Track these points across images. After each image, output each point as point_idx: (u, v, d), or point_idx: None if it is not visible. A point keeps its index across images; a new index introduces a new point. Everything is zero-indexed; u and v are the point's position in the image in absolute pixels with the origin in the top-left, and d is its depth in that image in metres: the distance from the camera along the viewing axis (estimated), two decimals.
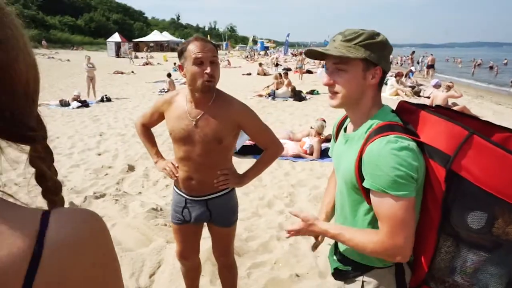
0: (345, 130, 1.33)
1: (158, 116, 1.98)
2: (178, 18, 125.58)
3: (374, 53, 1.14)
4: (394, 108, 1.27)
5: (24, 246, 0.42)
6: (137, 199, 3.98)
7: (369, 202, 1.15)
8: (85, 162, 5.40)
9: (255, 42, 70.57)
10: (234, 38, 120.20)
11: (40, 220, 0.45)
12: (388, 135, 1.08)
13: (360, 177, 1.13)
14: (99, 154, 5.79)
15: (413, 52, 29.70)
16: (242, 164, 5.26)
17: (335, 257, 1.40)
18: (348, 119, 1.33)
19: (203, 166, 1.84)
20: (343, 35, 1.17)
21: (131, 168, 5.09)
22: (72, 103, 10.00)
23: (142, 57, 35.07)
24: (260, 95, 12.24)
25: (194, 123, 1.78)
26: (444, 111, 1.19)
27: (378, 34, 1.16)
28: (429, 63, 22.79)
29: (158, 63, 29.76)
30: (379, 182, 1.06)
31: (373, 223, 1.18)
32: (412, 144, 1.07)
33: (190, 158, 1.84)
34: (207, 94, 1.78)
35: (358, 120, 1.22)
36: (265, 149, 1.97)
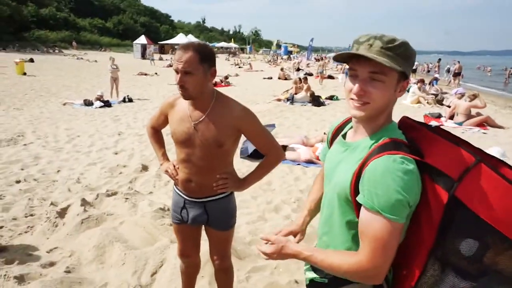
0: (343, 137, 1.27)
1: (164, 119, 2.01)
2: (203, 22, 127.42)
3: (409, 65, 1.10)
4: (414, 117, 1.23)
5: None
6: (147, 198, 4.07)
7: (358, 216, 1.11)
8: (102, 160, 5.56)
9: (278, 46, 70.65)
10: (258, 42, 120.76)
11: None
12: (395, 154, 1.03)
13: (355, 190, 1.09)
14: (116, 153, 5.95)
15: (439, 59, 29.00)
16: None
17: (311, 268, 1.35)
18: (349, 126, 1.28)
19: (203, 169, 1.87)
20: (382, 41, 1.06)
21: (144, 168, 5.21)
22: (95, 102, 10.32)
23: (166, 59, 35.77)
24: (279, 99, 12.25)
25: (194, 126, 1.80)
26: (445, 133, 1.12)
27: (407, 44, 1.08)
28: (456, 71, 22.17)
29: None
30: (376, 201, 1.02)
31: (357, 238, 1.13)
32: (416, 168, 1.03)
33: (190, 161, 1.87)
34: (205, 98, 1.80)
35: (367, 131, 1.15)
36: (265, 154, 1.96)
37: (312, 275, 1.32)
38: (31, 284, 2.50)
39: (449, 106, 9.50)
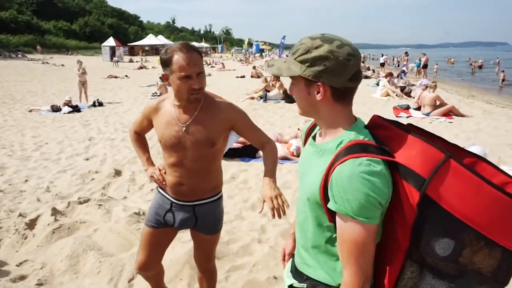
0: (314, 138, 1.25)
1: (148, 123, 1.96)
2: (173, 22, 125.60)
3: (311, 68, 1.06)
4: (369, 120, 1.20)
5: None
6: (121, 203, 3.99)
7: (330, 220, 1.11)
8: (73, 167, 5.40)
9: (250, 44, 70.71)
10: (229, 41, 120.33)
11: None
12: (360, 156, 1.00)
13: (324, 195, 1.07)
14: (87, 159, 5.79)
15: (406, 52, 29.94)
16: (230, 167, 5.30)
17: (290, 274, 1.34)
18: (318, 127, 1.27)
19: (195, 171, 1.83)
20: (293, 50, 1.11)
21: (117, 173, 5.10)
22: (63, 108, 9.99)
23: (137, 61, 35.03)
24: (252, 98, 12.27)
25: (184, 129, 1.76)
26: (417, 130, 1.10)
27: (318, 46, 1.05)
28: (423, 63, 22.95)
29: (153, 67, 29.72)
30: (347, 206, 1.00)
31: (331, 241, 1.14)
32: (384, 169, 1.01)
33: (182, 164, 1.81)
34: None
35: (327, 133, 1.15)
36: (261, 148, 1.93)
37: (291, 280, 1.31)
38: None
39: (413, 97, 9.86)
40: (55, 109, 9.97)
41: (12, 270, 2.83)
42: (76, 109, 10.17)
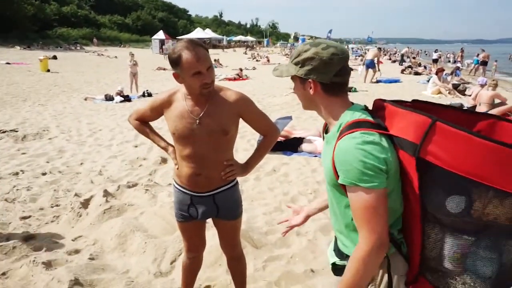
0: (326, 131, 1.39)
1: (152, 115, 2.00)
2: (221, 15, 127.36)
3: (302, 68, 1.24)
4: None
5: None
6: (166, 189, 4.18)
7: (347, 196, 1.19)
8: (123, 153, 5.72)
9: (296, 39, 69.95)
10: (275, 35, 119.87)
11: None
12: (354, 131, 1.13)
13: (337, 174, 1.17)
14: (136, 146, 6.10)
15: (462, 49, 28.12)
16: (271, 160, 5.33)
17: (333, 253, 1.43)
18: None
19: (211, 161, 1.87)
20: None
21: (163, 161, 5.32)
22: (115, 97, 10.55)
23: None
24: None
25: (198, 121, 1.81)
26: (419, 104, 1.23)
27: (306, 50, 1.24)
28: (481, 59, 21.40)
29: None
30: (349, 176, 1.11)
31: None
32: (378, 138, 1.12)
33: (197, 155, 1.85)
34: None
35: (330, 122, 1.30)
36: (264, 135, 2.03)
37: (333, 259, 1.40)
38: (57, 269, 2.63)
39: (470, 95, 9.25)
40: (108, 98, 10.56)
41: (68, 243, 3.09)
42: (127, 98, 10.71)
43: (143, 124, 2.10)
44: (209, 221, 2.14)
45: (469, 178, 0.99)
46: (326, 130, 1.44)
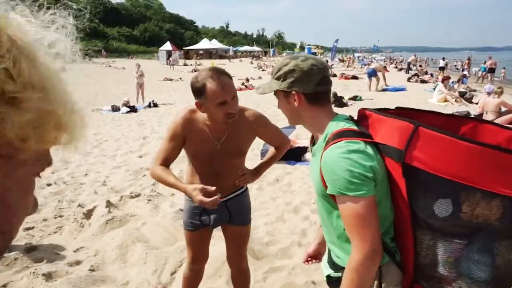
0: (314, 144, 1.39)
1: (179, 146, 1.83)
2: (227, 26, 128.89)
3: (285, 81, 1.26)
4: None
5: None
6: (168, 200, 4.18)
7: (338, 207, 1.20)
8: (127, 163, 5.75)
9: (302, 48, 70.35)
10: (281, 45, 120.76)
11: None
12: (339, 141, 1.13)
13: (326, 185, 1.17)
14: (140, 157, 6.14)
15: (469, 58, 27.95)
16: (275, 170, 5.31)
17: (327, 265, 1.41)
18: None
19: (226, 176, 1.92)
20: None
21: None
22: (122, 108, 10.67)
23: (191, 64, 36.41)
24: None
25: (219, 146, 1.83)
26: (402, 111, 1.24)
27: (287, 64, 1.26)
28: (489, 67, 21.21)
29: None
30: (337, 185, 1.11)
31: None
32: (363, 146, 1.12)
33: (213, 173, 1.88)
34: None
35: (316, 135, 1.31)
36: (278, 148, 2.07)
37: (328, 271, 1.39)
38: (57, 281, 2.63)
39: (477, 103, 9.16)
40: (115, 109, 10.68)
41: (69, 255, 3.09)
42: (133, 109, 10.82)
43: (165, 168, 1.84)
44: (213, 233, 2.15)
45: (455, 181, 0.99)
46: (313, 142, 1.44)
